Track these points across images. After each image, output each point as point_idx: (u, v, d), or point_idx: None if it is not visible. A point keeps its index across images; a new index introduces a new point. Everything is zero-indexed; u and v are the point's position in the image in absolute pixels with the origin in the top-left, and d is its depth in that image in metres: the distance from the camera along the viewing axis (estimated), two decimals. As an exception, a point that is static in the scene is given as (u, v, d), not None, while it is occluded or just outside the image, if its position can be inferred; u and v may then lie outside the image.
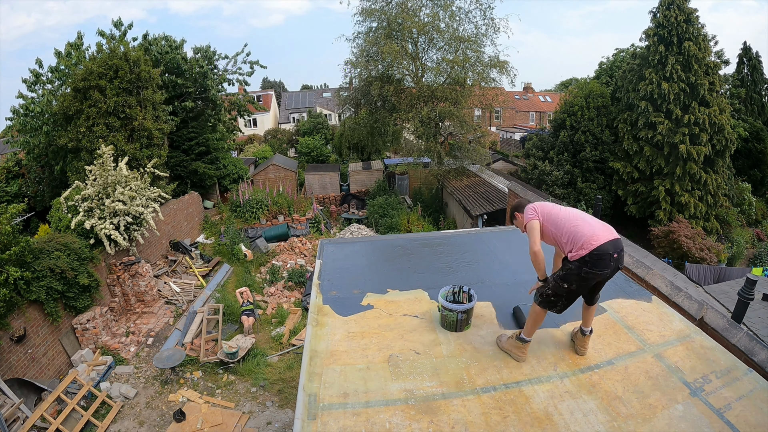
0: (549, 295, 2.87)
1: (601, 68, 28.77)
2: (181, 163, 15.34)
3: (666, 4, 17.58)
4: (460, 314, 3.22)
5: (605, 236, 2.74)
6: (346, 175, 21.08)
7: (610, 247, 2.71)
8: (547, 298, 2.88)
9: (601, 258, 2.69)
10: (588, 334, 3.01)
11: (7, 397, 6.47)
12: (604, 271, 2.73)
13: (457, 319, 3.23)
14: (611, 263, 2.72)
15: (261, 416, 7.04)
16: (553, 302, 2.88)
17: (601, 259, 2.69)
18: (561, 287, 2.81)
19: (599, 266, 2.71)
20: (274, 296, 10.98)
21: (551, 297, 2.87)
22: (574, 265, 2.75)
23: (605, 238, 2.73)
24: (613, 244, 2.74)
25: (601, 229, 2.81)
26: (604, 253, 2.69)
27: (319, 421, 2.49)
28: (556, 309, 2.91)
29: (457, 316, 3.22)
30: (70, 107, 10.61)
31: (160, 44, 14.25)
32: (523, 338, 2.97)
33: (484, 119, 37.87)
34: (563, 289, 2.81)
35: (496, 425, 2.44)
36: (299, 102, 42.39)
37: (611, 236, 2.76)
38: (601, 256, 2.69)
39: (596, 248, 2.69)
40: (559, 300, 2.86)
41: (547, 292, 2.88)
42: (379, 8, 16.23)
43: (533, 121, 41.65)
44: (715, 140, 17.35)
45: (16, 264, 7.14)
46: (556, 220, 2.94)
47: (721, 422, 2.42)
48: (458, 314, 3.21)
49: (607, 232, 2.79)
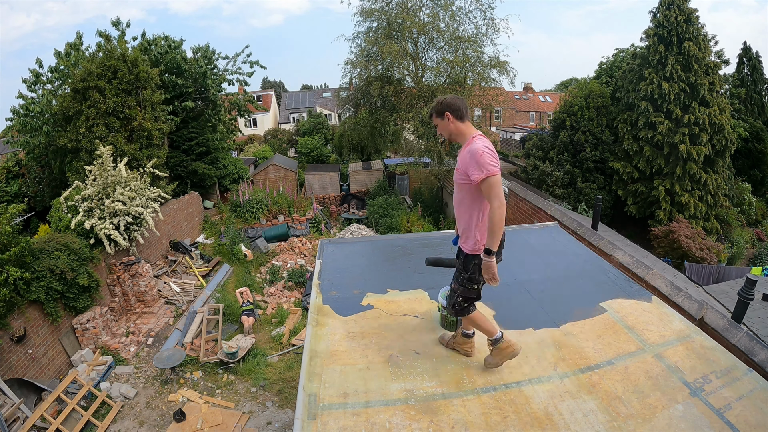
0: (461, 303, 2.69)
1: (601, 68, 28.78)
2: (181, 163, 15.34)
3: (666, 4, 17.60)
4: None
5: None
6: (346, 175, 21.07)
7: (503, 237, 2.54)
8: (462, 306, 2.70)
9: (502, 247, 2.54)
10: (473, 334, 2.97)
11: (7, 397, 6.47)
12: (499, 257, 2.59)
13: (457, 319, 3.22)
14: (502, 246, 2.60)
15: (261, 416, 7.04)
16: (467, 308, 2.73)
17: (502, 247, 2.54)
18: (471, 290, 2.64)
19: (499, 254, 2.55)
20: (274, 296, 10.98)
21: (464, 303, 2.69)
22: (478, 260, 2.54)
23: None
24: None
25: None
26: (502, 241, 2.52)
27: (319, 421, 2.49)
28: (471, 309, 2.75)
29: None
30: (70, 108, 10.61)
31: (159, 44, 14.25)
32: (495, 339, 2.77)
33: (484, 119, 37.86)
34: (474, 291, 2.67)
35: (496, 425, 2.44)
36: (299, 102, 42.39)
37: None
38: (502, 244, 2.54)
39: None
40: (473, 300, 2.73)
41: (457, 300, 2.69)
42: (379, 8, 16.22)
43: (533, 121, 41.66)
44: (715, 140, 17.36)
45: (16, 264, 7.14)
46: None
47: (721, 422, 2.42)
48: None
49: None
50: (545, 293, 3.84)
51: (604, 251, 5.15)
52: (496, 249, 2.45)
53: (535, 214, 7.31)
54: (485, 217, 2.51)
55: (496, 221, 2.36)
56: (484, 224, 2.51)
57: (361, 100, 17.83)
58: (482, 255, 2.50)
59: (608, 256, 5.00)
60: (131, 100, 10.83)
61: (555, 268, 4.34)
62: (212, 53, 15.34)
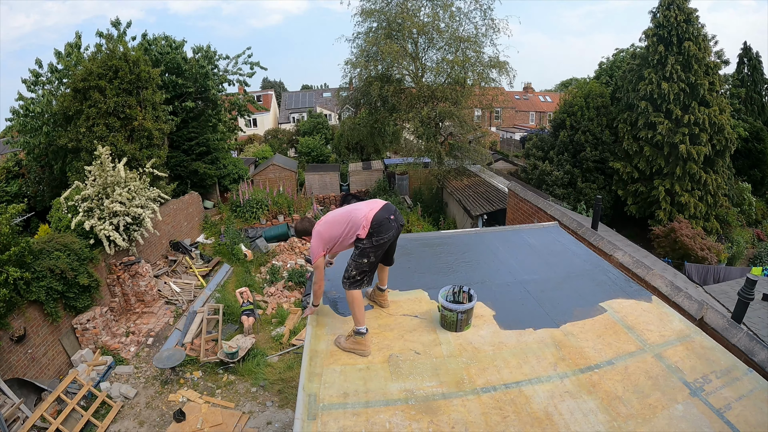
0: (354, 276, 3.16)
1: (601, 68, 28.78)
2: (182, 163, 15.34)
3: (666, 4, 17.59)
4: (460, 314, 3.22)
5: (375, 209, 3.19)
6: (346, 175, 21.08)
7: (384, 214, 3.17)
8: (354, 280, 3.16)
9: (381, 224, 3.14)
10: (385, 290, 3.59)
11: (7, 397, 6.47)
12: (389, 233, 3.17)
13: (457, 319, 3.23)
14: (393, 224, 3.19)
15: (261, 416, 7.04)
16: (359, 281, 3.17)
17: (381, 224, 3.13)
18: (362, 263, 3.15)
19: (384, 231, 3.14)
20: (274, 296, 10.98)
21: (357, 276, 3.16)
22: (366, 241, 3.14)
23: (375, 209, 3.18)
24: (385, 209, 3.20)
25: (368, 206, 3.24)
26: (382, 219, 3.14)
27: (319, 421, 2.49)
28: (364, 284, 3.20)
29: (457, 316, 3.22)
30: (70, 107, 10.61)
31: (160, 44, 14.25)
32: (359, 331, 3.06)
33: (484, 119, 37.88)
34: (365, 264, 3.15)
35: (496, 425, 2.44)
36: (299, 102, 42.39)
37: (379, 206, 3.22)
38: (381, 222, 3.13)
39: (373, 219, 3.13)
40: (364, 275, 3.18)
41: (350, 274, 3.16)
42: (379, 8, 16.23)
43: (533, 121, 41.66)
44: (715, 140, 17.35)
45: (16, 264, 7.14)
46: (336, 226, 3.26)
47: (721, 422, 2.42)
48: (458, 314, 3.21)
49: (374, 205, 3.24)
50: (545, 293, 3.84)
51: (604, 251, 5.15)
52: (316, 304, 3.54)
53: (535, 214, 7.31)
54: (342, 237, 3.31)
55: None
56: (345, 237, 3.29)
57: (361, 100, 17.84)
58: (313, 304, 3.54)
59: (608, 256, 5.00)
60: (132, 100, 10.83)
61: (555, 268, 4.34)
62: (213, 54, 15.35)
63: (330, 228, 3.31)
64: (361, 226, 3.16)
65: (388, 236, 3.18)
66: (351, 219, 3.22)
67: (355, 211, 3.25)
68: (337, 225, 3.28)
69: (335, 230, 3.27)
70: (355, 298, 3.15)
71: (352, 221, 3.21)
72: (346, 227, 3.23)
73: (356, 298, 3.15)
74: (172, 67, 14.32)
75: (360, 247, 3.18)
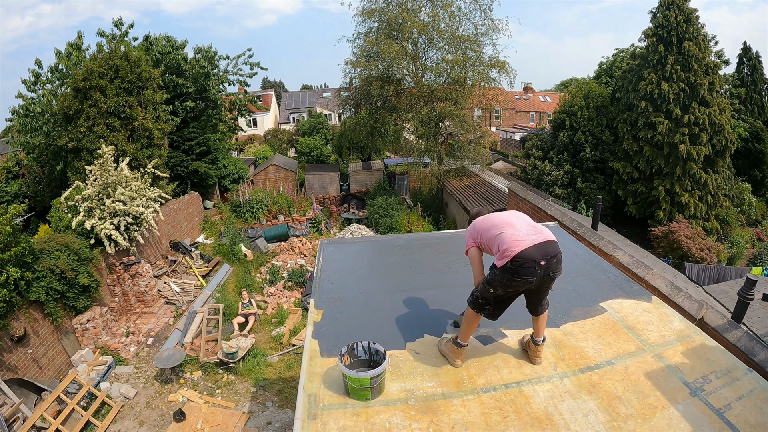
0: (477, 297, 2.79)
1: (600, 68, 28.82)
2: (182, 163, 15.35)
3: (666, 4, 17.60)
4: (374, 380, 2.53)
5: (529, 241, 2.61)
6: (346, 175, 21.07)
7: (534, 254, 2.56)
8: (476, 300, 2.80)
9: (523, 265, 2.55)
10: (540, 343, 2.90)
11: (7, 397, 6.47)
12: (528, 278, 2.58)
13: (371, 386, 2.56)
14: (537, 270, 2.56)
15: (261, 416, 7.04)
16: (481, 305, 2.78)
17: (523, 266, 2.55)
18: (488, 291, 2.72)
19: (522, 274, 2.56)
20: (274, 296, 10.98)
21: (479, 299, 2.78)
22: (498, 271, 2.66)
23: (529, 243, 2.59)
24: (540, 249, 2.58)
25: (527, 233, 2.68)
26: (527, 259, 2.55)
27: (319, 421, 2.49)
28: (484, 312, 2.80)
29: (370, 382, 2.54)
30: (71, 107, 10.62)
31: (161, 44, 14.25)
32: (458, 342, 2.86)
33: (484, 119, 37.89)
34: (490, 294, 2.72)
35: (496, 425, 2.44)
36: (299, 102, 42.40)
37: (537, 240, 2.61)
38: (523, 263, 2.55)
39: (517, 255, 2.56)
40: (487, 303, 2.76)
41: (476, 293, 2.81)
42: (379, 9, 16.23)
43: (533, 121, 41.66)
44: (715, 140, 17.37)
45: (17, 264, 7.14)
46: (487, 233, 2.85)
47: (721, 422, 2.42)
48: (371, 380, 2.53)
49: (534, 236, 2.65)
50: (545, 293, 3.83)
51: (604, 251, 5.15)
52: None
53: (535, 214, 7.31)
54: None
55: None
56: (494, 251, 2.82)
57: (361, 100, 17.83)
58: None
59: (608, 256, 5.00)
60: (132, 100, 10.84)
61: (555, 268, 4.33)
62: (214, 54, 15.37)
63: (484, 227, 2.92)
64: (502, 252, 2.64)
65: (524, 282, 2.60)
66: (500, 239, 2.72)
67: (507, 230, 2.74)
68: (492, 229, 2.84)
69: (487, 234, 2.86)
70: (469, 317, 2.83)
71: (501, 238, 2.71)
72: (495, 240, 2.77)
73: (472, 318, 2.83)
74: (173, 67, 14.33)
75: (493, 274, 2.71)
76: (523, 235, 2.65)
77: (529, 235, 2.65)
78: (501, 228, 2.77)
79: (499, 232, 2.74)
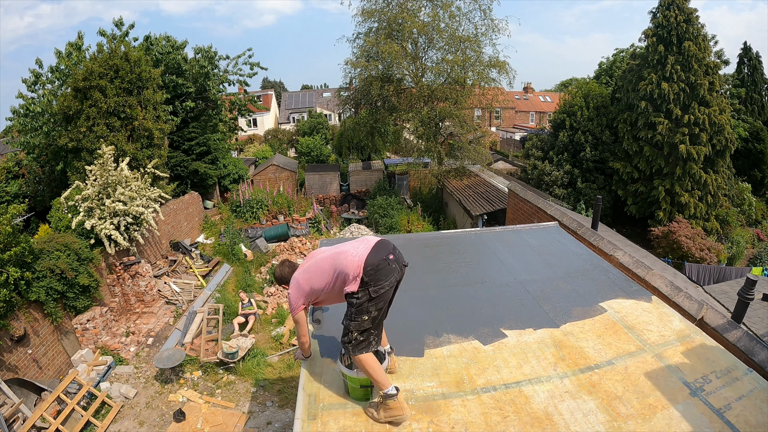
0: (357, 338, 2.48)
1: (600, 68, 28.82)
2: (182, 163, 15.35)
3: (666, 4, 17.60)
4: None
5: (364, 249, 2.54)
6: (346, 175, 21.07)
7: (379, 254, 2.50)
8: (357, 341, 2.49)
9: (378, 268, 2.46)
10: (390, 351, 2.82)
11: (7, 397, 6.47)
12: (390, 277, 2.50)
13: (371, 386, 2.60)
14: (392, 266, 2.51)
15: (261, 416, 7.04)
16: (363, 342, 2.49)
17: (379, 269, 2.46)
18: (363, 321, 2.47)
19: (382, 277, 2.46)
20: (274, 296, 10.98)
21: (360, 337, 2.48)
22: (361, 294, 2.46)
23: (365, 250, 2.53)
24: (379, 248, 2.54)
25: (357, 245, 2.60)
26: (378, 261, 2.47)
27: (319, 421, 2.49)
28: (372, 345, 2.52)
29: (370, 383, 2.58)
30: (71, 107, 10.62)
31: (161, 44, 14.26)
32: (387, 394, 2.45)
33: (484, 119, 37.88)
34: (366, 321, 2.47)
35: (496, 425, 2.44)
36: (299, 102, 42.39)
37: (370, 245, 2.57)
38: (376, 267, 2.46)
39: (364, 265, 2.46)
40: (369, 335, 2.51)
41: (352, 336, 2.48)
42: (379, 9, 16.23)
43: (533, 121, 41.65)
44: (715, 140, 17.36)
45: (17, 264, 7.14)
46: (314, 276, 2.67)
47: (721, 422, 2.42)
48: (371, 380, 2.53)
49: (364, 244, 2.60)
50: (545, 293, 3.84)
51: (604, 251, 5.15)
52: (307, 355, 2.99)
53: (535, 214, 7.31)
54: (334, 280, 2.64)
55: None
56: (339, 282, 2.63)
57: (361, 100, 17.83)
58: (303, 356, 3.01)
59: (608, 256, 5.00)
60: (132, 100, 10.84)
61: (555, 268, 4.34)
62: (214, 54, 15.37)
63: (310, 278, 2.69)
64: (350, 276, 2.48)
65: (390, 282, 2.50)
66: (337, 267, 2.56)
67: (341, 256, 2.58)
68: (320, 275, 2.65)
69: (317, 281, 2.65)
70: (365, 362, 2.48)
71: (340, 270, 2.55)
72: (333, 278, 2.59)
73: (366, 361, 2.49)
74: (173, 67, 14.33)
75: (355, 303, 2.48)
76: (354, 251, 2.57)
77: (358, 248, 2.58)
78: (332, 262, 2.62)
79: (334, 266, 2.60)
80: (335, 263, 2.59)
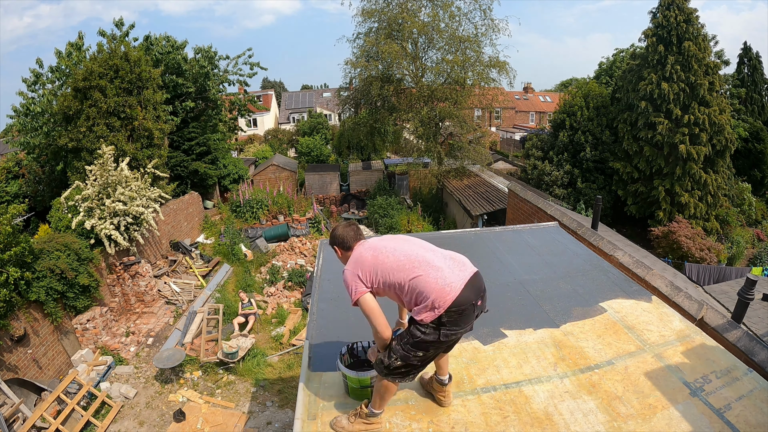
0: (399, 367, 2.18)
1: (600, 68, 28.82)
2: (182, 163, 15.34)
3: (666, 5, 17.60)
4: (373, 380, 2.45)
5: (459, 281, 2.10)
6: (346, 175, 21.07)
7: (470, 295, 2.10)
8: (397, 371, 2.20)
9: (462, 313, 2.08)
10: (448, 383, 2.50)
11: (7, 397, 6.47)
12: (466, 327, 2.17)
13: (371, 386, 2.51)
14: (475, 313, 2.15)
15: (261, 416, 7.04)
16: (404, 373, 2.22)
17: (462, 314, 2.08)
18: (413, 356, 2.15)
19: (461, 323, 2.11)
20: (274, 296, 10.98)
21: (402, 369, 2.19)
22: (426, 329, 2.10)
23: (460, 284, 2.09)
24: (472, 287, 2.12)
25: (451, 270, 2.15)
26: (465, 305, 2.07)
27: (319, 421, 2.49)
28: (408, 379, 2.28)
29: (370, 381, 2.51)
30: (71, 107, 10.62)
31: (161, 44, 14.25)
32: (373, 412, 2.33)
33: (484, 119, 37.86)
34: (417, 358, 2.16)
35: (496, 425, 2.44)
36: (299, 102, 42.38)
37: (466, 277, 2.12)
38: (461, 311, 2.07)
39: (453, 304, 2.05)
40: (412, 370, 2.22)
41: (395, 363, 2.17)
42: (379, 9, 16.25)
43: (533, 121, 41.65)
44: (715, 140, 17.36)
45: (17, 264, 7.14)
46: (391, 275, 2.21)
47: (721, 422, 2.42)
48: (371, 379, 2.48)
49: (459, 271, 2.15)
50: (545, 293, 3.84)
51: (604, 251, 5.15)
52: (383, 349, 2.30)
53: (535, 214, 7.31)
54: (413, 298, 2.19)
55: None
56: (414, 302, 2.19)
57: (361, 100, 17.84)
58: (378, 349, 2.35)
59: (608, 256, 5.00)
60: (132, 100, 10.84)
61: (555, 268, 4.34)
62: (214, 54, 15.37)
63: (383, 267, 2.21)
64: (429, 303, 2.06)
65: (465, 330, 2.19)
66: (420, 278, 2.11)
67: (430, 270, 2.13)
68: (397, 272, 2.18)
69: (391, 276, 2.19)
70: (387, 388, 2.26)
71: (422, 285, 2.10)
72: (407, 289, 2.15)
73: (389, 389, 2.27)
74: (173, 67, 14.33)
75: (418, 334, 2.11)
76: (449, 275, 2.12)
77: (454, 272, 2.15)
78: (414, 268, 2.16)
79: (415, 275, 2.14)
80: (418, 274, 2.14)
